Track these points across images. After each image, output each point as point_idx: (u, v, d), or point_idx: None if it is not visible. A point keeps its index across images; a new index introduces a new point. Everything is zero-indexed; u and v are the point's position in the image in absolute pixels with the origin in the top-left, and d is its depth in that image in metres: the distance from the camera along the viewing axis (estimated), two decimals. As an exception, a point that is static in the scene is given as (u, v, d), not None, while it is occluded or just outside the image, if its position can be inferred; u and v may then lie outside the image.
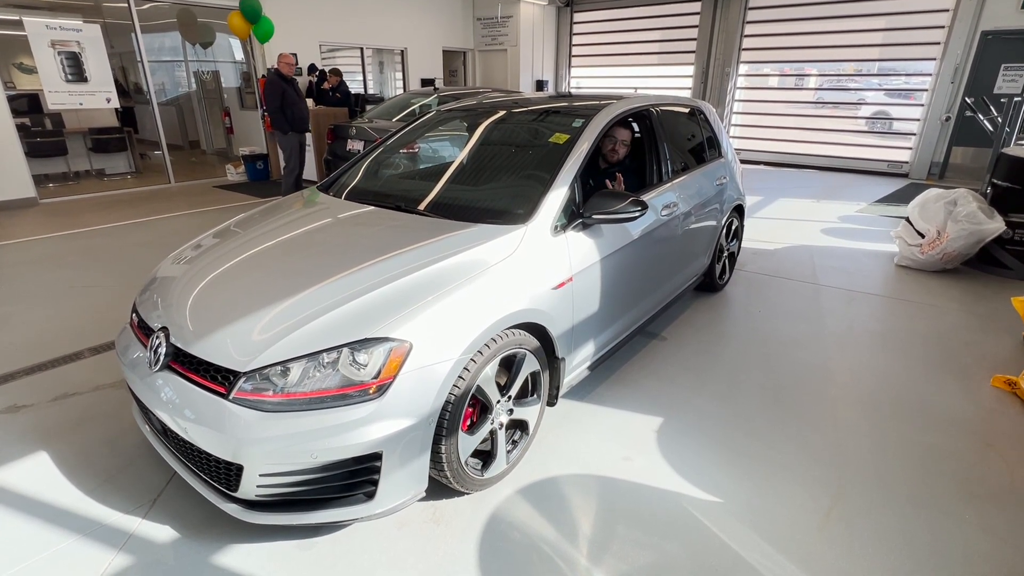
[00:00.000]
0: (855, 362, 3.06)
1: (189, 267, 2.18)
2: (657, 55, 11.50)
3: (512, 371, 2.02)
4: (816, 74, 9.98)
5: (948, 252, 4.33)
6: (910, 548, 1.82)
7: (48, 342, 3.15)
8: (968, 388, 2.81)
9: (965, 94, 8.12)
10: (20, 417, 2.47)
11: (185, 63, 11.51)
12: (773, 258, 4.86)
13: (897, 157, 9.22)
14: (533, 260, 2.06)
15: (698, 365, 3.00)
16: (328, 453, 1.58)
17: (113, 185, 7.89)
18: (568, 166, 2.34)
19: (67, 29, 6.53)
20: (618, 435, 2.39)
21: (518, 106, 3.14)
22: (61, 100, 6.61)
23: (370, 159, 3.10)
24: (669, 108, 3.36)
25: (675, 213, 2.97)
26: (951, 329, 3.50)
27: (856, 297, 4.00)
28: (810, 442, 2.37)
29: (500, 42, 11.73)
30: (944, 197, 4.50)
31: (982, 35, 7.96)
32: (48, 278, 4.21)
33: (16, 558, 1.74)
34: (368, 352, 1.62)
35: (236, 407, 1.60)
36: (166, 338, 1.80)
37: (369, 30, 9.91)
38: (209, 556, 1.75)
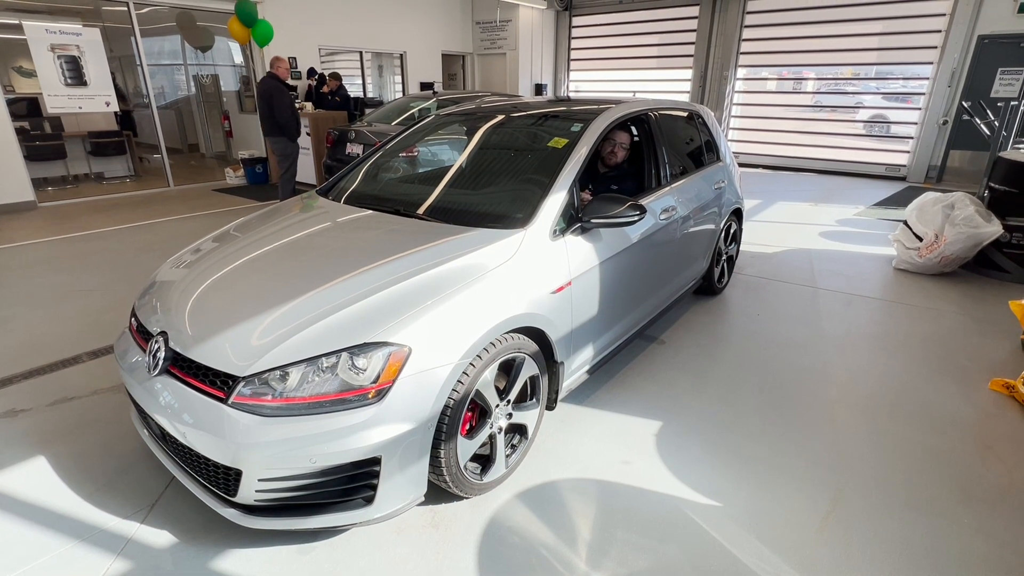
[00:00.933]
0: (853, 365, 3.07)
1: (188, 271, 2.18)
2: (656, 59, 11.54)
3: (511, 375, 2.02)
4: (814, 78, 10.02)
5: (946, 255, 4.34)
6: (908, 551, 1.82)
7: (47, 346, 3.15)
8: (966, 391, 2.81)
9: (962, 98, 8.15)
10: (18, 421, 2.47)
11: (184, 67, 11.53)
12: (771, 261, 4.87)
13: (895, 160, 9.25)
14: (532, 264, 2.07)
15: (697, 368, 3.00)
16: (327, 458, 1.58)
17: (112, 189, 7.90)
18: (567, 170, 2.35)
19: (67, 33, 6.54)
20: (617, 439, 2.39)
21: (517, 110, 3.15)
22: (61, 104, 6.62)
23: (369, 163, 3.11)
24: (667, 112, 3.37)
25: (674, 217, 2.97)
26: (949, 332, 3.50)
27: (854, 300, 4.01)
28: (808, 445, 2.37)
29: (499, 46, 11.76)
30: (942, 201, 4.51)
31: (979, 39, 8.00)
32: (47, 282, 4.21)
33: (14, 563, 1.73)
34: (367, 356, 1.62)
35: (235, 412, 1.60)
36: (165, 342, 1.80)
37: (368, 34, 9.94)
38: (208, 561, 1.75)
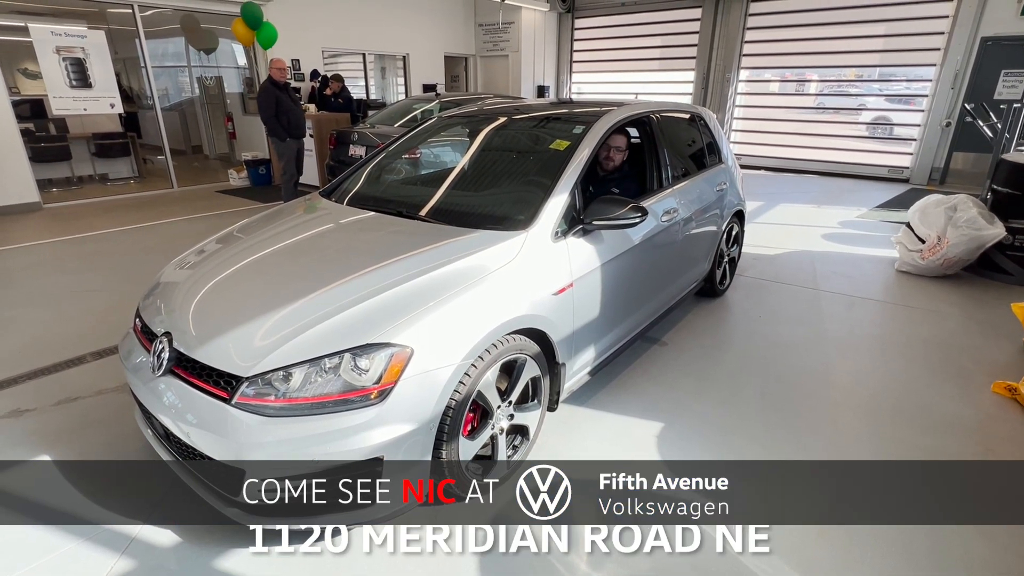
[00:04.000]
0: (855, 367, 3.07)
1: (192, 272, 2.19)
2: (658, 61, 11.54)
3: (513, 376, 2.02)
4: (817, 79, 10.01)
5: (948, 258, 4.33)
6: (909, 553, 1.82)
7: (51, 346, 3.17)
8: (968, 393, 2.81)
9: (965, 100, 8.13)
10: (23, 421, 2.48)
11: (188, 68, 11.58)
12: (774, 263, 4.87)
13: (898, 162, 9.23)
14: (534, 266, 2.07)
15: (698, 370, 3.00)
16: (329, 457, 1.59)
17: (116, 190, 7.93)
18: (569, 172, 2.36)
19: (72, 35, 6.57)
20: (618, 440, 2.40)
21: (519, 112, 3.15)
22: (65, 105, 6.65)
23: (372, 165, 3.12)
24: (669, 114, 3.38)
25: (675, 219, 2.98)
26: (951, 335, 3.50)
27: (856, 302, 4.00)
28: (810, 447, 2.37)
29: (502, 48, 11.78)
30: (944, 203, 4.50)
31: (982, 41, 7.98)
32: (51, 282, 4.23)
33: (18, 562, 1.74)
34: (369, 357, 1.63)
35: (238, 412, 1.61)
36: (169, 343, 1.81)
37: (371, 36, 9.97)
38: (211, 560, 1.76)
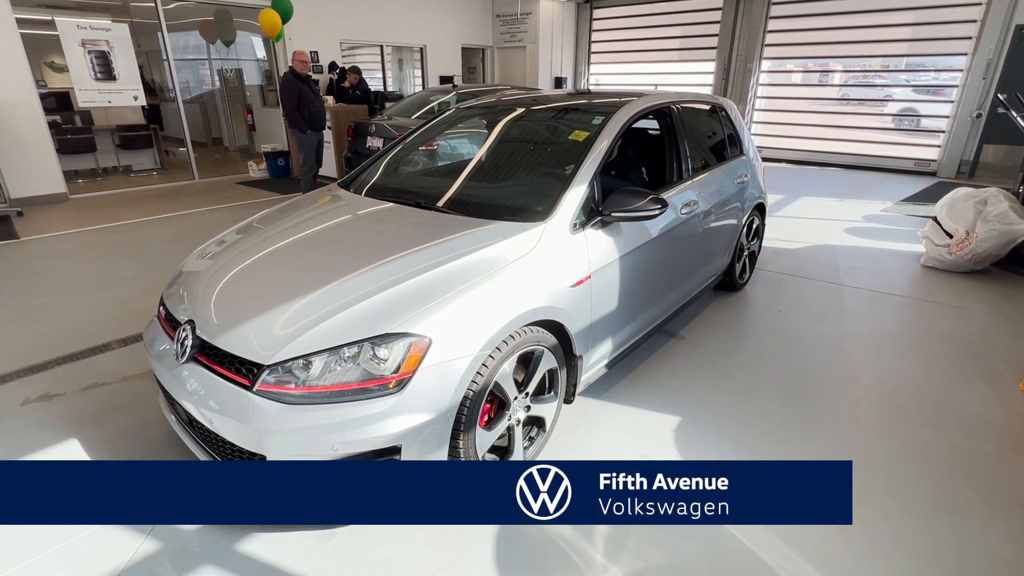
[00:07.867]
0: (878, 364, 3.01)
1: (214, 262, 2.23)
2: (678, 51, 11.37)
3: (530, 368, 2.02)
4: (841, 70, 9.76)
5: (977, 253, 4.22)
6: (932, 553, 1.79)
7: (79, 333, 3.25)
8: (997, 392, 2.74)
9: (997, 90, 7.86)
10: (53, 405, 2.55)
11: (209, 61, 11.72)
12: (795, 257, 4.79)
13: (925, 155, 8.99)
14: (552, 257, 2.06)
15: (716, 364, 2.97)
16: (348, 446, 1.61)
17: (139, 181, 8.08)
18: (588, 163, 2.33)
19: (97, 28, 6.69)
20: (635, 433, 2.39)
21: (537, 103, 3.13)
22: (91, 98, 6.79)
23: (389, 156, 3.12)
24: (690, 105, 3.33)
25: (695, 211, 2.94)
26: (979, 331, 3.41)
27: (880, 298, 3.92)
28: (830, 444, 2.33)
29: (519, 39, 11.70)
30: (974, 196, 4.38)
31: (1016, 28, 7.71)
32: (78, 271, 4.34)
33: (50, 540, 1.80)
34: (388, 347, 1.64)
35: (259, 399, 1.63)
36: (192, 331, 1.84)
37: (389, 28, 9.98)
38: (233, 543, 1.79)
